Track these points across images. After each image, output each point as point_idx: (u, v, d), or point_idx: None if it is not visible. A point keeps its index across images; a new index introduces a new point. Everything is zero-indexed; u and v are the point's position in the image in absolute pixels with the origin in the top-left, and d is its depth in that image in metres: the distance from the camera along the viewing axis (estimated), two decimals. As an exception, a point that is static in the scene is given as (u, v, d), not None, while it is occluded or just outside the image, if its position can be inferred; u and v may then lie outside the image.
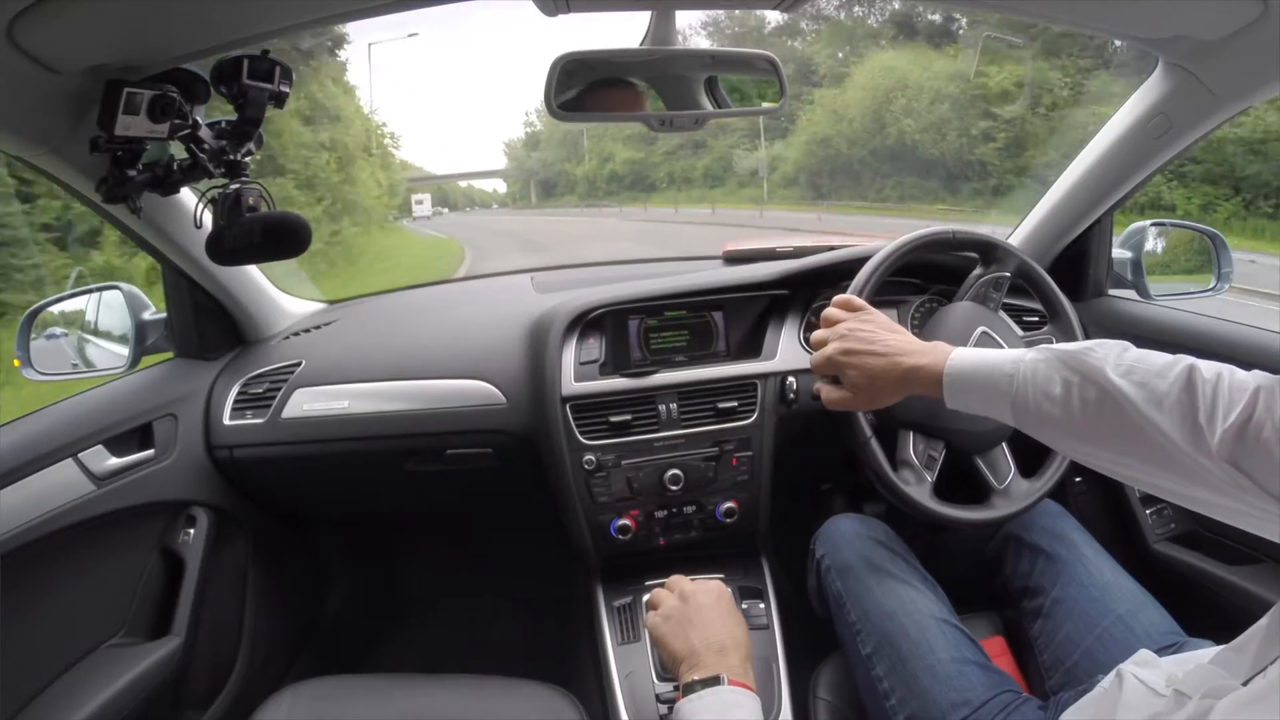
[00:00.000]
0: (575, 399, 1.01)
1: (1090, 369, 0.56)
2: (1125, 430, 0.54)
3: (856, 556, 0.87)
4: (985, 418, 0.66)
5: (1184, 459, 0.51)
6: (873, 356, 0.71)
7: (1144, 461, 0.54)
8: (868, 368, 0.71)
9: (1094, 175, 1.06)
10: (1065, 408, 0.57)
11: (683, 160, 29.26)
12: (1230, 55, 0.77)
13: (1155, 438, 0.52)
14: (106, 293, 1.11)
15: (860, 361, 0.71)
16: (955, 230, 0.97)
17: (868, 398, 0.73)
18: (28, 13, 0.52)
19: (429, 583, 1.61)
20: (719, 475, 1.03)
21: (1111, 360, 0.56)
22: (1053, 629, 0.83)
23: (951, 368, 0.66)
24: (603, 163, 34.92)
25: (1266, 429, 0.47)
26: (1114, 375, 0.55)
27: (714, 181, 26.81)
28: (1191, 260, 1.26)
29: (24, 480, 0.83)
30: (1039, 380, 0.60)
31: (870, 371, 0.71)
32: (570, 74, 0.77)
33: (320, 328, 1.21)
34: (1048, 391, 0.59)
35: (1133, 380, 0.54)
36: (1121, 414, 0.54)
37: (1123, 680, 0.61)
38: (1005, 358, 0.63)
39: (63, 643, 0.90)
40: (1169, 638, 0.76)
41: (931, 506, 0.89)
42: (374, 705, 0.81)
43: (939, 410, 0.89)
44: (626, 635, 0.98)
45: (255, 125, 0.73)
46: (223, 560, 1.12)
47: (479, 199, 50.91)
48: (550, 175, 41.58)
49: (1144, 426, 0.52)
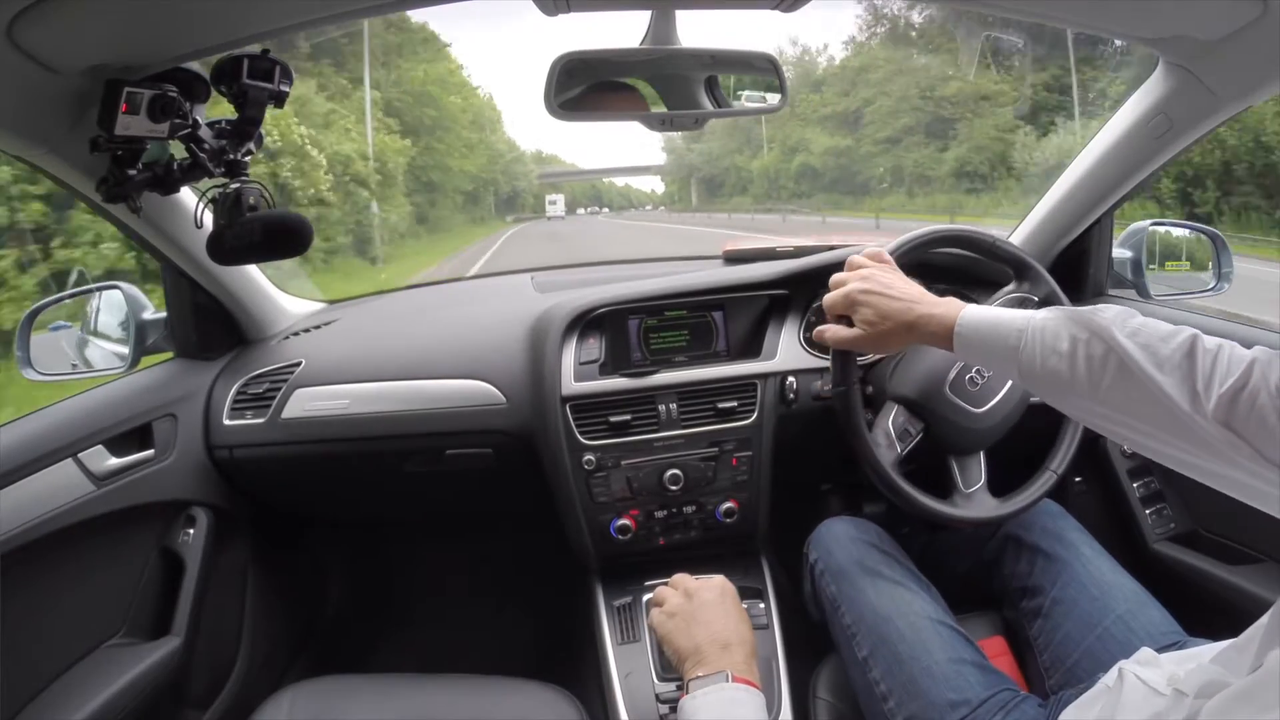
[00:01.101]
0: (575, 399, 1.01)
1: (1098, 326, 0.58)
2: (1128, 387, 0.55)
3: (850, 559, 0.87)
4: (973, 419, 0.67)
5: (1183, 419, 0.52)
6: (889, 299, 0.72)
7: (1144, 421, 0.55)
8: (883, 307, 0.72)
9: (1094, 175, 1.06)
10: (1071, 363, 0.59)
11: (915, 151, 21.23)
12: (1230, 55, 0.77)
13: (1157, 396, 0.53)
14: (106, 292, 1.11)
15: (876, 301, 0.72)
16: (995, 240, 0.96)
17: (875, 338, 0.73)
18: (27, 12, 0.52)
19: (429, 583, 1.61)
20: (719, 475, 1.03)
21: (1119, 321, 0.58)
22: (1052, 629, 0.83)
23: (964, 320, 0.67)
24: (788, 154, 28.26)
25: (1261, 396, 0.49)
26: (1120, 335, 0.56)
27: (972, 185, 18.89)
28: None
29: (24, 480, 0.83)
30: (1048, 337, 0.61)
31: (884, 311, 0.72)
32: (570, 73, 0.77)
33: (320, 328, 1.21)
34: (1055, 348, 0.60)
35: (1137, 341, 0.56)
36: (1126, 371, 0.55)
37: (1124, 679, 0.61)
38: (1016, 315, 0.65)
39: (63, 643, 0.90)
40: (1169, 637, 0.76)
41: (900, 485, 0.89)
42: (374, 705, 0.80)
43: (934, 394, 0.89)
44: (626, 635, 0.98)
45: (255, 125, 0.73)
46: (222, 560, 1.12)
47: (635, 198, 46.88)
48: (715, 171, 35.47)
49: (1147, 384, 0.54)
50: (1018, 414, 0.95)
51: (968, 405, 0.92)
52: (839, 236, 4.00)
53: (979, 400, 0.92)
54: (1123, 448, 1.14)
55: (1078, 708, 0.65)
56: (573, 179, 47.07)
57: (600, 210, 43.47)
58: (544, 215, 36.05)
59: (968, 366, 0.92)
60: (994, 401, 0.93)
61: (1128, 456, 1.14)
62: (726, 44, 0.80)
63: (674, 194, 41.54)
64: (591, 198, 48.19)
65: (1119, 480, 1.13)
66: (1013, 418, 0.95)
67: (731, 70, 0.85)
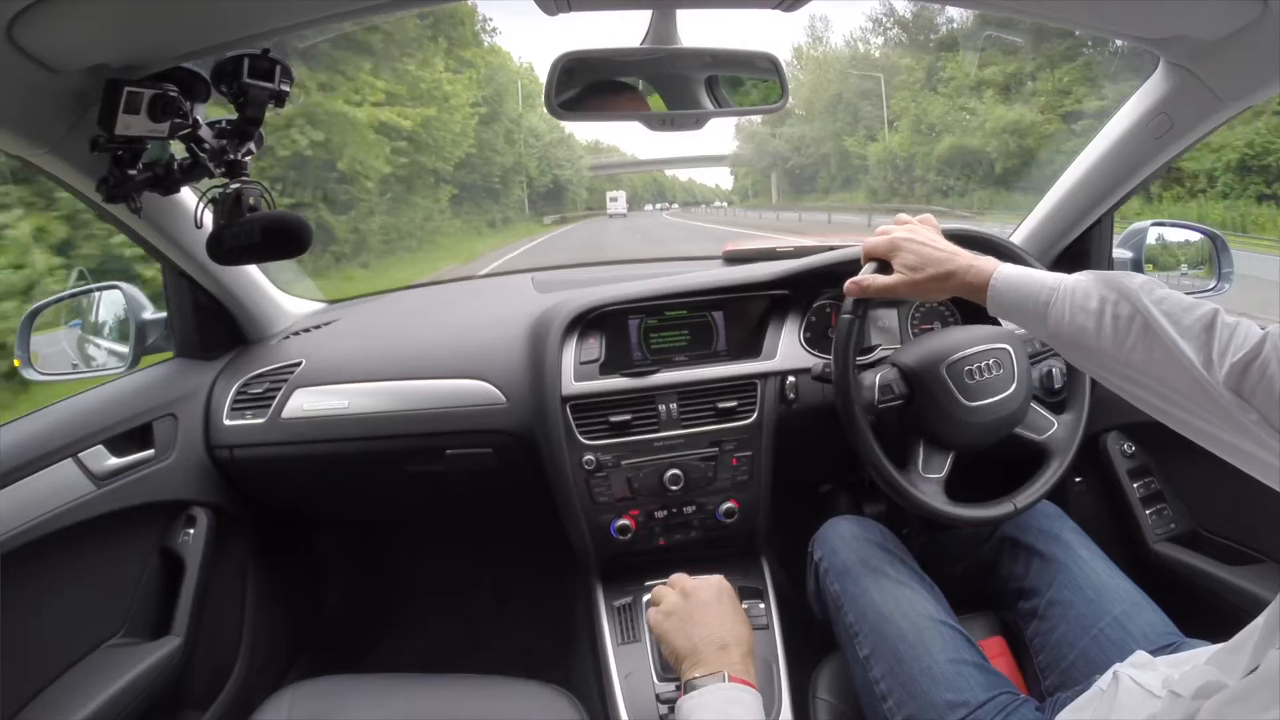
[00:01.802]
0: (575, 399, 1.01)
1: (1127, 289, 0.62)
2: (1150, 347, 0.59)
3: (854, 558, 0.87)
4: (957, 408, 0.76)
5: (1199, 381, 0.56)
6: (931, 248, 0.76)
7: (1161, 383, 0.59)
8: (924, 254, 0.76)
9: (1095, 175, 1.06)
10: (1099, 321, 0.63)
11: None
12: (1231, 55, 0.77)
13: (1176, 358, 0.57)
14: (106, 292, 1.11)
15: (918, 249, 0.76)
16: (1001, 239, 0.95)
17: (912, 284, 0.76)
18: (28, 12, 0.52)
19: (429, 583, 1.61)
20: (719, 475, 1.03)
21: (1147, 288, 0.62)
22: (1048, 630, 0.83)
23: (1000, 274, 0.71)
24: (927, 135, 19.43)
25: (1272, 366, 0.53)
26: (1147, 299, 0.60)
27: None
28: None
29: (24, 480, 0.83)
30: (1078, 296, 0.65)
31: (926, 258, 0.75)
32: (571, 73, 0.77)
33: (320, 327, 1.21)
34: (1084, 305, 0.64)
35: (1162, 309, 0.59)
36: (1149, 333, 0.59)
37: (1119, 682, 0.61)
38: (1049, 276, 0.69)
39: (63, 643, 0.90)
40: (1165, 638, 0.76)
41: (935, 504, 0.88)
42: (374, 705, 0.80)
43: (931, 368, 0.90)
44: (626, 635, 0.98)
45: (256, 124, 0.73)
46: (223, 560, 1.12)
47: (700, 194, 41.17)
48: (806, 161, 27.83)
49: (1169, 347, 0.58)
50: (1000, 431, 0.92)
51: (958, 393, 0.89)
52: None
53: (971, 394, 0.90)
54: (1123, 448, 1.14)
55: (1073, 710, 0.65)
56: (629, 170, 40.86)
57: (670, 206, 39.21)
58: (603, 211, 32.21)
59: (972, 359, 0.91)
60: (984, 402, 0.90)
61: (1128, 457, 1.14)
62: (728, 44, 0.80)
63: (747, 188, 35.63)
64: (655, 194, 42.89)
65: (1119, 480, 1.13)
66: (995, 432, 0.92)
67: (733, 70, 0.85)
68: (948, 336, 0.94)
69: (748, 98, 0.86)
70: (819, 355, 1.07)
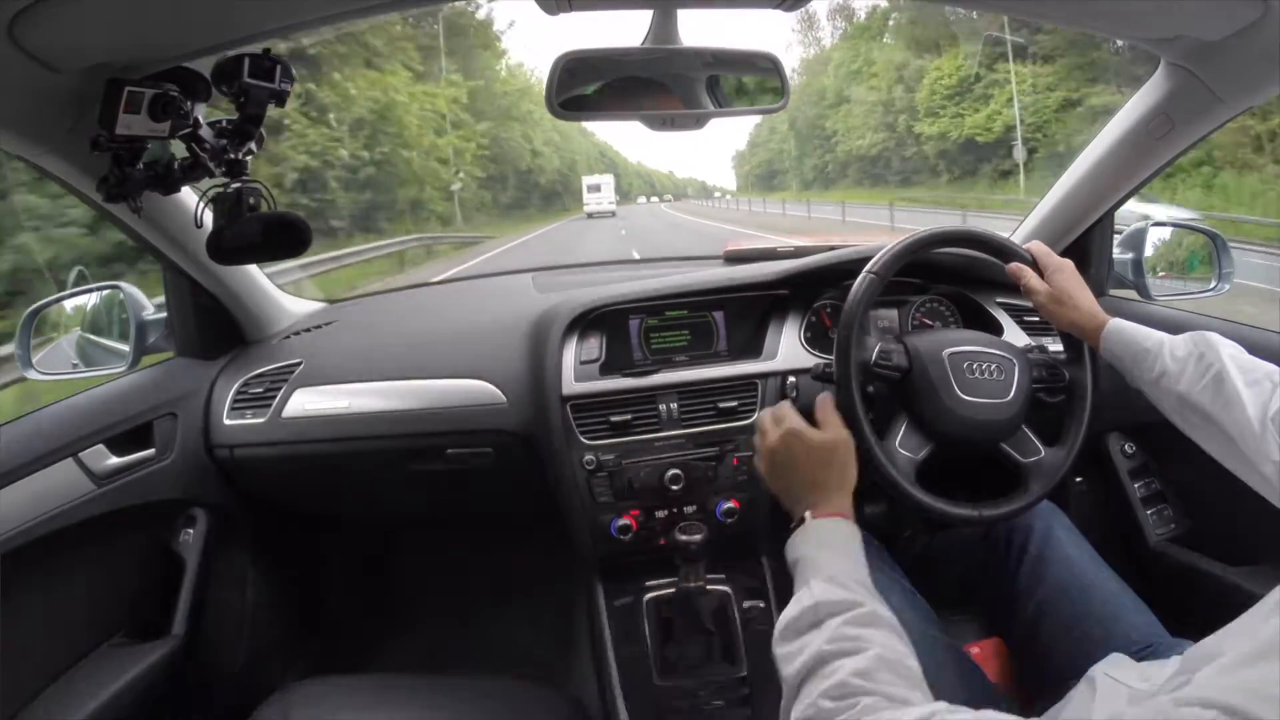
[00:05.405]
0: (576, 399, 1.01)
1: (1211, 345, 0.73)
2: (1218, 391, 0.70)
3: None
4: (947, 395, 0.82)
5: (1251, 428, 0.66)
6: (1081, 291, 0.85)
7: (1217, 424, 0.70)
8: (1074, 292, 0.85)
9: (1096, 175, 1.06)
10: (1183, 365, 0.74)
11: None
12: (1232, 55, 0.77)
13: (1238, 403, 0.68)
14: (106, 292, 1.11)
15: (1075, 286, 0.85)
16: (1006, 240, 0.92)
17: (1051, 302, 0.85)
18: (28, 11, 0.52)
19: (429, 582, 1.61)
20: (719, 475, 1.03)
21: (1225, 343, 0.73)
22: (1035, 631, 0.84)
23: (1114, 323, 0.81)
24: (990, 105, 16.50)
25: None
26: (1224, 352, 0.72)
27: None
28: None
29: (24, 480, 0.83)
30: (1175, 347, 0.76)
31: (1073, 295, 0.84)
32: (572, 73, 0.77)
33: (320, 327, 1.21)
34: (1175, 354, 0.75)
35: (1237, 364, 0.70)
36: (1220, 380, 0.70)
37: (1095, 685, 0.61)
38: (1155, 331, 0.79)
39: (63, 643, 0.90)
40: (1149, 638, 0.77)
41: (896, 477, 0.82)
42: (374, 705, 0.80)
43: (933, 352, 0.87)
44: (627, 635, 0.98)
45: (256, 124, 0.73)
46: (222, 560, 1.12)
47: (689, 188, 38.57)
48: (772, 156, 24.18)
49: (1231, 394, 0.68)
50: (985, 436, 0.87)
51: (954, 381, 0.85)
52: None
53: (967, 388, 0.85)
54: (1123, 448, 1.14)
55: (1051, 716, 0.65)
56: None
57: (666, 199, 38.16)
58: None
59: (976, 356, 0.87)
60: (976, 400, 0.85)
61: (1128, 457, 1.14)
62: (729, 43, 0.80)
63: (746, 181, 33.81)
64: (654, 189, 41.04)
65: (1120, 480, 1.13)
66: (981, 433, 0.86)
67: (734, 70, 0.85)
68: (957, 333, 0.94)
69: (748, 97, 0.86)
70: (819, 355, 1.07)
